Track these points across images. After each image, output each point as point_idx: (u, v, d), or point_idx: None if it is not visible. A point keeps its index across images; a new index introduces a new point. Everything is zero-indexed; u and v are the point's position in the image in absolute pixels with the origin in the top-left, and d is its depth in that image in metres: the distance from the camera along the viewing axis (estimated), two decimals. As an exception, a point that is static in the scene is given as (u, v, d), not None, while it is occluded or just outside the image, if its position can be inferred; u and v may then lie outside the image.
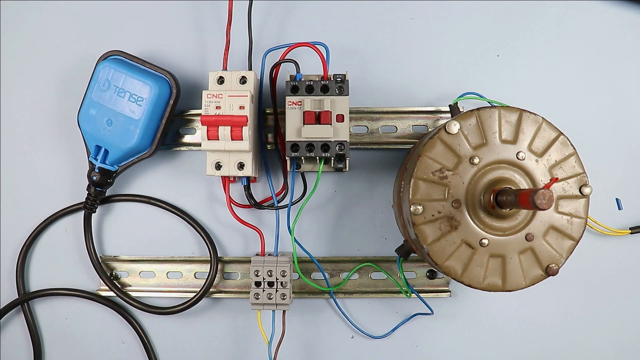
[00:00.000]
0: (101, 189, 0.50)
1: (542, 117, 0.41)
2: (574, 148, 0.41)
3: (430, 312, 0.50)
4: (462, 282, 0.40)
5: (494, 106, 0.41)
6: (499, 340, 0.52)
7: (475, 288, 0.40)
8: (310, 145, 0.45)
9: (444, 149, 0.40)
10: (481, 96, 0.50)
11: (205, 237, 0.51)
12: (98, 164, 0.49)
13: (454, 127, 0.40)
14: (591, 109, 0.53)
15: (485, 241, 0.40)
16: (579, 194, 0.41)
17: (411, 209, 0.40)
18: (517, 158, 0.40)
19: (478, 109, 0.41)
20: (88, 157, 0.49)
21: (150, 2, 0.53)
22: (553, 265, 0.40)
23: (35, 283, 0.53)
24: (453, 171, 0.40)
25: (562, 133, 0.41)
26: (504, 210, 0.39)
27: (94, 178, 0.49)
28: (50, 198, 0.53)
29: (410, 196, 0.40)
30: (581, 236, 0.41)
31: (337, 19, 0.53)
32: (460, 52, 0.53)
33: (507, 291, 0.40)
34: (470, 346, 0.52)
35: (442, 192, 0.40)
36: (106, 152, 0.48)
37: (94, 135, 0.48)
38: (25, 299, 0.52)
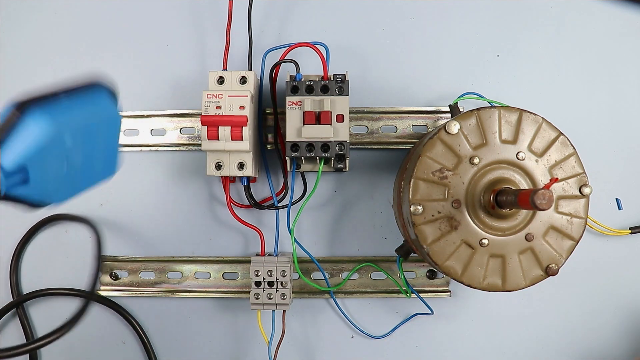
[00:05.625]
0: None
1: (542, 117, 0.41)
2: (574, 148, 0.41)
3: (430, 312, 0.50)
4: (462, 282, 0.40)
5: (494, 106, 0.41)
6: (499, 340, 0.52)
7: (475, 288, 0.40)
8: (310, 146, 0.45)
9: (444, 149, 0.40)
10: (481, 96, 0.50)
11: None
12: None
13: (454, 127, 0.40)
14: (591, 109, 0.53)
15: (485, 241, 0.40)
16: (579, 194, 0.41)
17: (411, 209, 0.40)
18: (517, 158, 0.40)
19: (478, 109, 0.41)
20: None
21: (151, 2, 0.53)
22: (553, 265, 0.40)
23: (35, 283, 0.53)
24: (453, 171, 0.40)
25: (562, 133, 0.41)
26: (503, 211, 0.39)
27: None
28: (50, 198, 0.53)
29: (410, 196, 0.40)
30: (581, 236, 0.41)
31: (337, 19, 0.53)
32: (460, 52, 0.53)
33: (507, 291, 0.41)
34: (470, 346, 0.52)
35: (442, 192, 0.40)
36: None
37: None
38: (25, 299, 0.52)
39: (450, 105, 0.48)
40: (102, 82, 0.35)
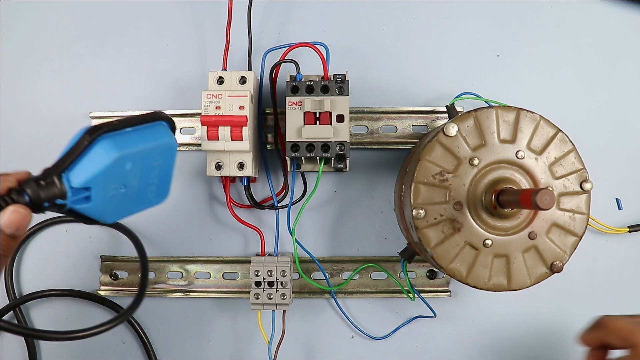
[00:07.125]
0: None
1: (540, 115, 0.41)
2: (573, 144, 0.41)
3: (433, 315, 0.50)
4: (467, 284, 0.40)
5: (491, 106, 0.41)
6: (499, 341, 0.52)
7: (481, 289, 0.40)
8: (310, 146, 0.45)
9: (443, 151, 0.40)
10: (478, 96, 0.50)
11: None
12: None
13: (452, 129, 0.40)
14: (591, 109, 0.53)
15: (488, 242, 0.40)
16: (580, 189, 0.41)
17: (413, 213, 0.40)
18: (517, 157, 0.40)
19: (475, 110, 0.41)
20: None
21: (150, 2, 0.53)
22: (557, 262, 0.40)
23: (36, 283, 0.53)
24: (453, 173, 0.40)
25: (560, 130, 0.41)
26: (505, 210, 0.39)
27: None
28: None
29: (412, 200, 0.40)
30: (584, 232, 0.41)
31: (337, 19, 0.53)
32: (460, 52, 0.53)
33: (512, 290, 0.40)
34: (470, 346, 0.52)
35: (443, 195, 0.40)
36: None
37: None
38: (23, 301, 0.52)
39: (447, 106, 0.47)
40: (163, 115, 0.38)
